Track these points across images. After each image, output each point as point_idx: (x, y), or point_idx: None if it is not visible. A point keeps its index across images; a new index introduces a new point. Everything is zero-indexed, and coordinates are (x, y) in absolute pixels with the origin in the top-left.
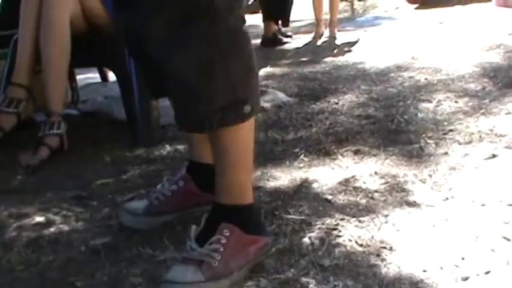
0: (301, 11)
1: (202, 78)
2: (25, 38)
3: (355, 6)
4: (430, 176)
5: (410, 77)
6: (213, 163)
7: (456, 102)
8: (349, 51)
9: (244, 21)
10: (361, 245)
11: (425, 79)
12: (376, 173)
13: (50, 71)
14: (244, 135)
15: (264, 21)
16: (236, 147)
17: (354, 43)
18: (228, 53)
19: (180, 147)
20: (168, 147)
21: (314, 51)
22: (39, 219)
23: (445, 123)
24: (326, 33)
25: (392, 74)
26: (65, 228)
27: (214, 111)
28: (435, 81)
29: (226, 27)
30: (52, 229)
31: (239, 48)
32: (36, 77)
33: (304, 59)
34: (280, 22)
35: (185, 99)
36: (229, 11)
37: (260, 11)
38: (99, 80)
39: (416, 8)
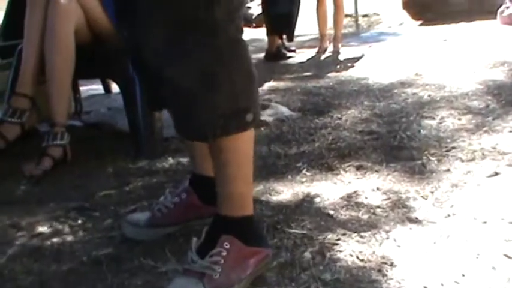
0: (305, 25)
1: (204, 88)
2: (30, 48)
3: (359, 22)
4: (432, 192)
5: (414, 94)
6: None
7: (459, 119)
8: (353, 66)
9: (242, 31)
10: (362, 260)
11: (429, 96)
12: (378, 188)
13: (54, 81)
14: (245, 146)
15: (268, 35)
16: (237, 158)
17: (358, 58)
18: (230, 63)
19: (183, 159)
20: (171, 160)
21: (318, 66)
22: (42, 229)
23: (448, 140)
24: (330, 48)
25: (395, 90)
26: (68, 238)
27: (217, 119)
28: (438, 98)
29: (227, 38)
30: (55, 239)
31: (239, 58)
32: (40, 87)
33: (307, 73)
34: (284, 36)
35: (187, 108)
36: (229, 21)
37: (264, 25)
38: (102, 91)
39: (420, 25)
